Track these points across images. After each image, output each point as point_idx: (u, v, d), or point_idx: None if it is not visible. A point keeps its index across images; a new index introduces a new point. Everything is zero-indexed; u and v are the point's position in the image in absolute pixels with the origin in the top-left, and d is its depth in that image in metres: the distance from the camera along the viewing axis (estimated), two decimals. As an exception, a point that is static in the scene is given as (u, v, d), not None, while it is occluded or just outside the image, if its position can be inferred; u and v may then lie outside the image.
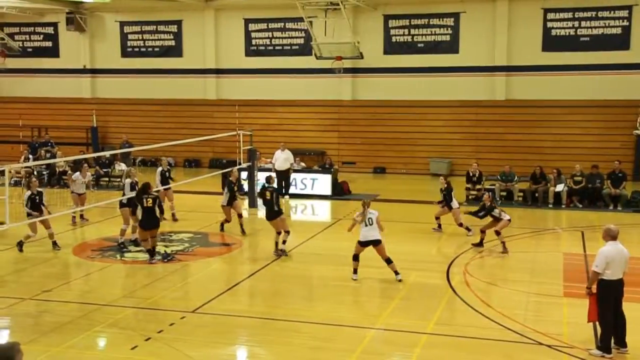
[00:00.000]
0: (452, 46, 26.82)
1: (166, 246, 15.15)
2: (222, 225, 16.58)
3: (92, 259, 14.17)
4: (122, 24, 30.52)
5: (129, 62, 30.63)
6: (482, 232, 15.12)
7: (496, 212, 14.97)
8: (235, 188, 16.89)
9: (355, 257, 12.54)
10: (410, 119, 27.17)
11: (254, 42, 29.15)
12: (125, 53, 30.73)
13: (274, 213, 14.37)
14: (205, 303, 11.23)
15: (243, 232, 16.27)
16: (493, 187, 21.08)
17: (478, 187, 20.94)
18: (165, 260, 13.98)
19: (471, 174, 21.18)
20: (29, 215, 14.24)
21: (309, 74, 28.24)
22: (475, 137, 26.57)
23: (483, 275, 12.95)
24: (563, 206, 20.32)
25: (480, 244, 15.06)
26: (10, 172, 18.47)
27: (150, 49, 30.43)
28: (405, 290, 11.90)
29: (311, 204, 21.37)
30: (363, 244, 12.36)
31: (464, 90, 26.74)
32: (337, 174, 22.99)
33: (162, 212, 13.89)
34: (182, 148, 26.89)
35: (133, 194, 14.46)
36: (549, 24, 25.71)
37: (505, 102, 26.42)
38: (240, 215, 16.48)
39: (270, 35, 28.90)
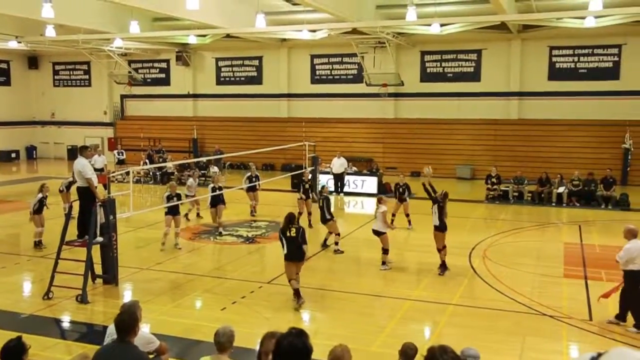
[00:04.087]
0: (475, 75, 26.31)
1: (248, 231, 15.36)
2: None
3: (192, 240, 14.48)
4: (217, 60, 31.07)
5: (221, 89, 31.14)
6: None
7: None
8: (307, 186, 16.09)
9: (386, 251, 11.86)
10: (441, 133, 26.70)
11: (317, 72, 29.23)
12: (219, 82, 31.26)
13: (325, 219, 13.27)
14: (277, 276, 11.32)
15: (310, 226, 15.71)
16: (507, 188, 20.54)
17: (495, 187, 20.44)
18: (248, 242, 14.15)
19: (492, 176, 20.63)
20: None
21: (361, 97, 28.13)
22: (493, 149, 25.91)
23: (498, 259, 12.66)
24: (564, 205, 19.64)
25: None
26: (133, 172, 19.05)
27: (238, 78, 30.87)
28: (436, 270, 11.72)
29: (361, 200, 21.28)
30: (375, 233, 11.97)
31: (484, 111, 26.16)
32: (382, 177, 22.83)
33: (304, 242, 9.56)
34: (260, 155, 27.11)
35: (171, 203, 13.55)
36: (554, 59, 24.97)
37: (518, 120, 25.70)
38: (309, 213, 15.90)
39: (331, 67, 28.92)
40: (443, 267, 11.44)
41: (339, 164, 21.77)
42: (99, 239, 10.35)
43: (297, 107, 29.77)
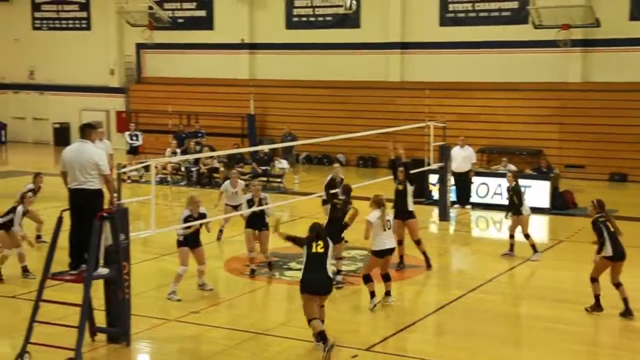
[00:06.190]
0: None
1: (335, 265, 15.39)
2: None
3: (245, 275, 14.75)
4: (289, -12, 31.72)
5: (294, 35, 31.71)
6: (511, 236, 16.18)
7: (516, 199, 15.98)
8: (400, 188, 15.46)
9: (368, 278, 12.61)
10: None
11: (451, 7, 29.06)
12: (290, 24, 31.84)
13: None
14: (382, 340, 11.30)
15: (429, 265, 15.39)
16: None
17: None
18: (334, 283, 14.21)
19: None
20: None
21: (523, 48, 27.71)
22: None
23: None
24: None
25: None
26: (156, 167, 19.71)
27: (320, 19, 31.28)
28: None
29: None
30: (381, 254, 12.63)
31: None
32: (557, 181, 22.31)
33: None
34: (355, 143, 27.29)
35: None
36: None
37: None
38: (418, 242, 15.33)
39: (473, -1, 28.71)
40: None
41: (461, 157, 21.59)
42: (103, 270, 10.72)
43: (417, 65, 29.73)
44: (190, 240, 13.23)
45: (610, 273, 12.21)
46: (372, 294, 12.59)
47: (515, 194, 16.42)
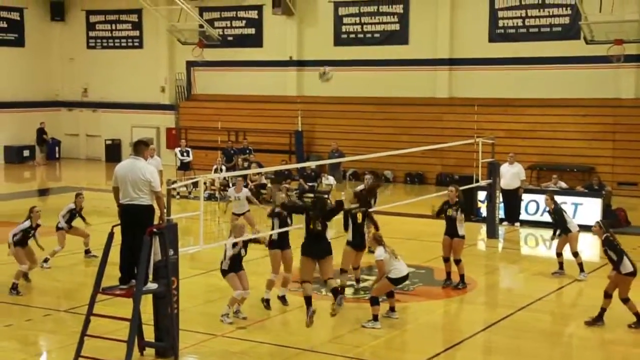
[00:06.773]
0: None
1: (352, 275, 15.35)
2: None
3: (294, 291, 14.82)
4: (337, 5, 31.88)
5: (342, 52, 31.83)
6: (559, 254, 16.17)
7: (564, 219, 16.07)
8: (451, 214, 15.12)
9: (377, 300, 12.78)
10: None
11: (501, 23, 28.97)
12: (339, 41, 31.99)
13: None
14: (429, 358, 11.29)
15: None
16: None
17: None
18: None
19: None
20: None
21: (575, 64, 27.50)
22: None
23: None
24: None
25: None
26: (205, 183, 19.93)
27: (369, 35, 31.39)
28: None
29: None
30: (397, 282, 12.87)
31: None
32: (610, 198, 22.04)
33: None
34: (403, 159, 27.31)
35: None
36: None
37: None
38: (457, 262, 15.24)
39: (524, 14, 28.54)
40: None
41: (511, 174, 21.44)
42: (152, 285, 10.91)
43: (465, 81, 29.69)
44: (234, 267, 13.16)
45: (619, 288, 12.64)
46: (376, 317, 12.66)
47: (557, 214, 16.42)
